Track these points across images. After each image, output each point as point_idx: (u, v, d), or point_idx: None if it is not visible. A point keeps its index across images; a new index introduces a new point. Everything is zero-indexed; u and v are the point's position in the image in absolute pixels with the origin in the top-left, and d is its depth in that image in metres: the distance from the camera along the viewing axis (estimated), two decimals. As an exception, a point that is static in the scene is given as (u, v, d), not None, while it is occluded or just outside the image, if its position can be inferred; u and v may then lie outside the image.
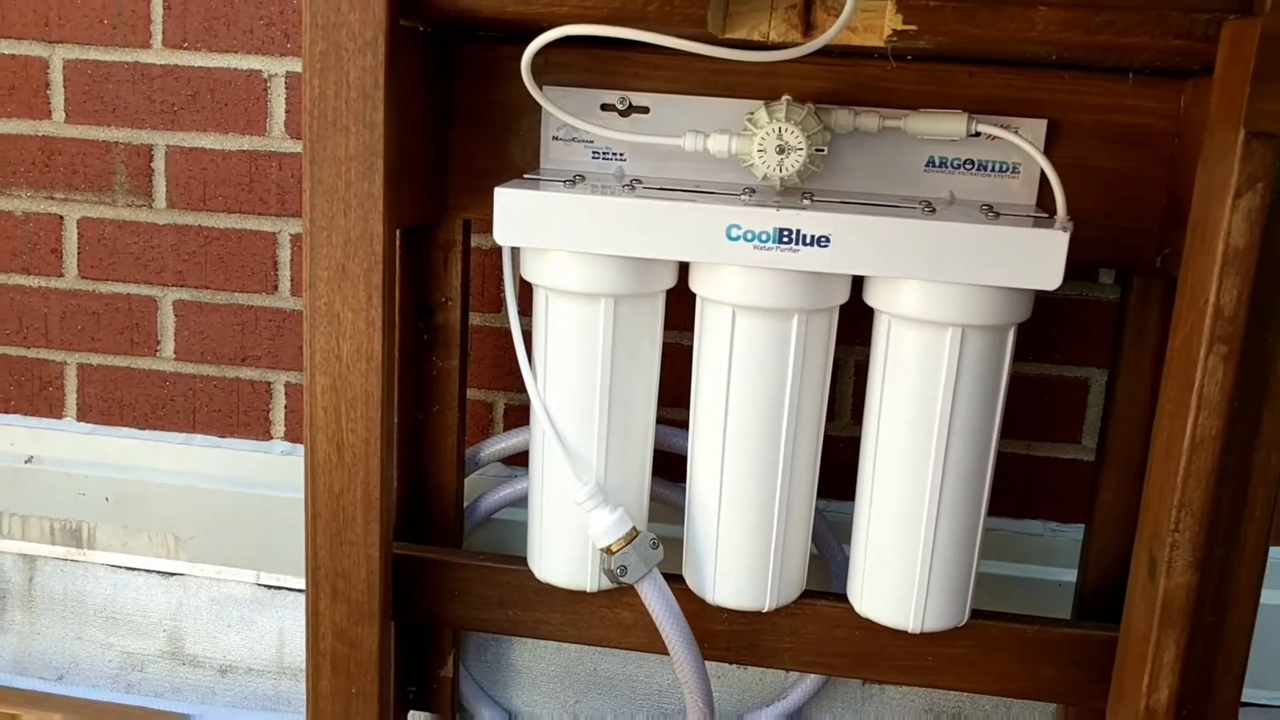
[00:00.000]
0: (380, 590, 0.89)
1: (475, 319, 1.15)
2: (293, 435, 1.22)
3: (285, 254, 1.17)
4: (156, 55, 1.15)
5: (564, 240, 0.84)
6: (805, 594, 0.94)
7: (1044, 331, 1.08)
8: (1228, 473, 0.78)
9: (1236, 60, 0.68)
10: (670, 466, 1.00)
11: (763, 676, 1.16)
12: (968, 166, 0.90)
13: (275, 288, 1.18)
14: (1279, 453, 0.79)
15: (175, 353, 1.22)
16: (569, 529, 0.92)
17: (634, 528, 0.89)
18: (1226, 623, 0.82)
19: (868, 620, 0.92)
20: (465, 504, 1.10)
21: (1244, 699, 1.09)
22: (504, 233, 0.84)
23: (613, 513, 0.88)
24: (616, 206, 0.82)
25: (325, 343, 0.85)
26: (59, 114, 1.18)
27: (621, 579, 0.88)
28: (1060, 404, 1.10)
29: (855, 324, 0.89)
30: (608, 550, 0.88)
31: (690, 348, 0.90)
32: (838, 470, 1.01)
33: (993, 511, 1.10)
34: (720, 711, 1.15)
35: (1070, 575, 1.05)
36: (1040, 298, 1.04)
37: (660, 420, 0.95)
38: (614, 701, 1.20)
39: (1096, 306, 1.07)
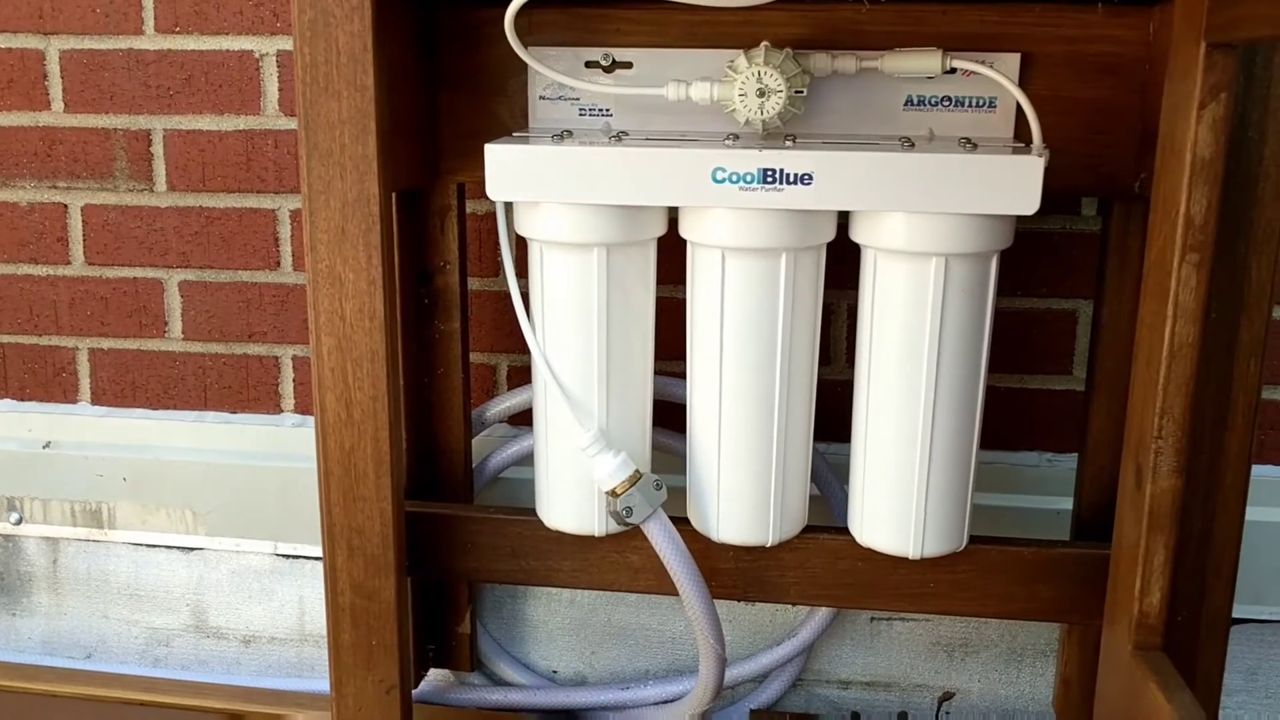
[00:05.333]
0: (395, 543, 0.92)
1: (474, 284, 1.17)
2: (302, 407, 1.25)
3: (285, 230, 1.20)
4: (149, 41, 1.17)
5: (554, 192, 0.86)
6: (807, 529, 0.97)
7: (1031, 266, 1.10)
8: (1208, 380, 0.81)
9: (1195, -24, 0.70)
10: (673, 416, 1.03)
11: (773, 617, 1.19)
12: (945, 103, 0.93)
13: (277, 264, 1.21)
14: (1258, 360, 0.81)
15: (183, 333, 1.24)
16: (575, 476, 0.94)
17: (637, 470, 0.91)
18: (1215, 528, 0.84)
19: (869, 550, 0.94)
20: (474, 464, 1.13)
21: (1241, 615, 1.12)
22: (496, 188, 0.87)
23: (616, 456, 0.91)
24: (604, 156, 0.85)
25: (329, 304, 0.88)
26: (58, 104, 1.20)
27: (627, 520, 0.91)
28: (1050, 336, 1.12)
29: (848, 268, 0.91)
30: (612, 493, 0.91)
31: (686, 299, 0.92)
32: (835, 413, 1.03)
33: (989, 444, 1.13)
34: (732, 653, 1.18)
35: (1067, 503, 1.07)
36: (1026, 232, 1.06)
37: (661, 372, 0.98)
38: (629, 651, 1.22)
39: (1080, 238, 1.09)
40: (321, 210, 0.86)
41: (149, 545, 1.27)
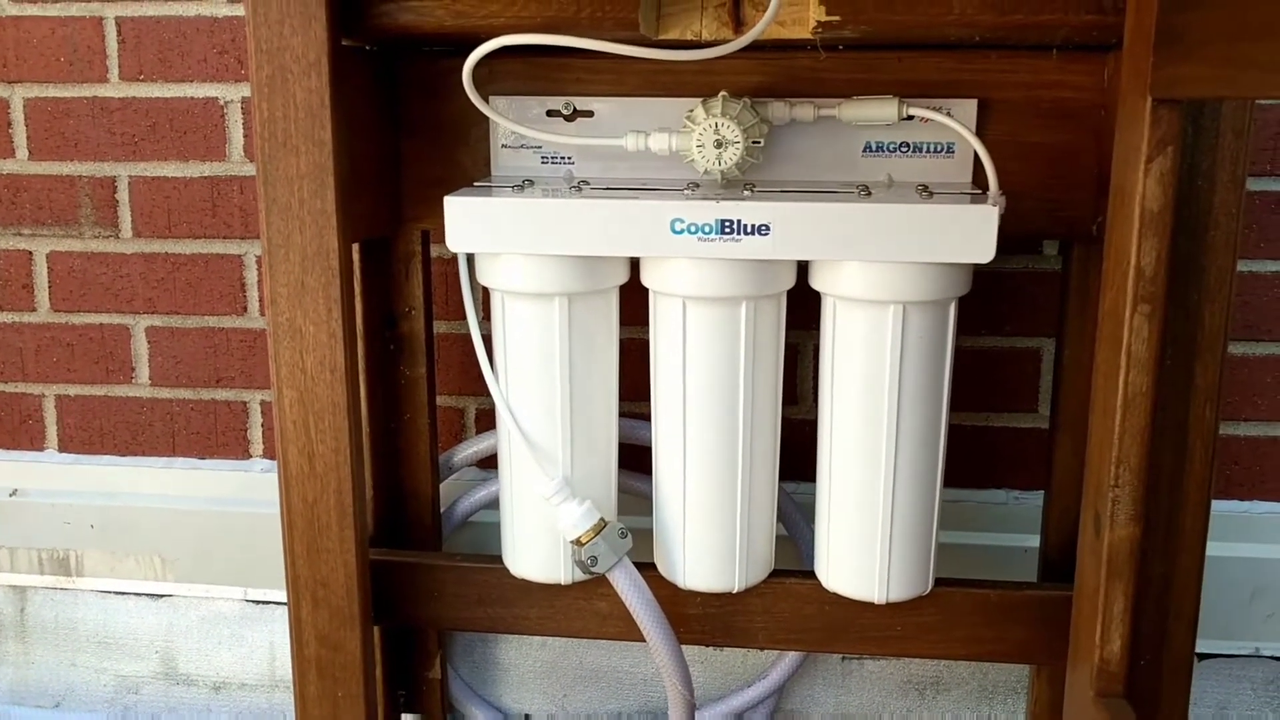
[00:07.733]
0: (359, 595, 0.92)
1: (441, 327, 1.17)
2: (270, 452, 1.24)
3: (251, 275, 1.20)
4: (114, 89, 1.17)
5: (514, 243, 0.86)
6: (774, 573, 0.97)
7: (994, 305, 1.11)
8: (1164, 427, 0.82)
9: (1140, 31, 0.71)
10: (640, 459, 1.03)
11: (744, 659, 1.19)
12: (903, 149, 0.93)
13: (244, 309, 1.21)
14: (1213, 405, 0.82)
15: (150, 378, 1.24)
16: (540, 524, 0.94)
17: (602, 519, 0.91)
18: (1175, 572, 0.85)
19: (835, 594, 0.95)
20: (442, 509, 1.13)
21: (1209, 650, 1.13)
22: (456, 240, 0.87)
23: (580, 505, 0.91)
24: (562, 207, 0.85)
25: (290, 357, 0.88)
26: (22, 152, 1.20)
27: (593, 569, 0.91)
28: (1015, 375, 1.13)
29: (814, 308, 0.92)
30: (577, 542, 0.91)
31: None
32: (804, 453, 1.03)
33: (955, 483, 1.14)
34: (703, 695, 1.18)
35: (1034, 540, 1.08)
36: (989, 272, 1.07)
37: (626, 414, 0.98)
38: (601, 693, 1.22)
39: (1042, 277, 1.10)
40: (281, 264, 0.86)
41: (117, 592, 1.26)
